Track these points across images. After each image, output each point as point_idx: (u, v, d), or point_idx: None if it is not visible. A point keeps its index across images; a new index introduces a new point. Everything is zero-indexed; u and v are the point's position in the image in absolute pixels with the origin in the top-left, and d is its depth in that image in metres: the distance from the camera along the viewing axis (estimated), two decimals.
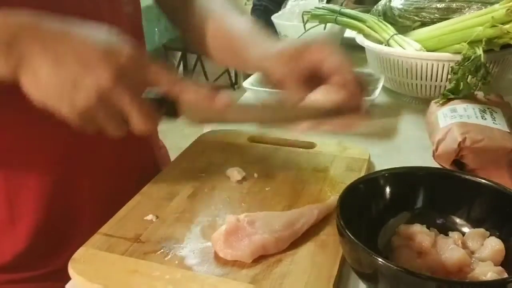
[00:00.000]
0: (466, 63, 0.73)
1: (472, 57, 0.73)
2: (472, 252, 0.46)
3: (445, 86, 0.84)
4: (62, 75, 0.43)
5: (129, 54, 0.45)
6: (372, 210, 0.51)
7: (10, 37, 0.43)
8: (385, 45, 0.92)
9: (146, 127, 0.47)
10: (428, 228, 0.49)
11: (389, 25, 0.95)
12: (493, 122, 0.66)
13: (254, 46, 0.60)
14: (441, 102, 0.75)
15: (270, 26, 1.28)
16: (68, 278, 0.49)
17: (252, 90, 0.89)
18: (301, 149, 0.72)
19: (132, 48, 0.45)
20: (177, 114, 0.49)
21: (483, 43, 0.75)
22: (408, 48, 0.87)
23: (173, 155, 0.71)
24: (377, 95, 0.83)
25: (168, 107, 0.48)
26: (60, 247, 0.62)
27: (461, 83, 0.74)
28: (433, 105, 0.77)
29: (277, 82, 0.55)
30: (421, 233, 0.47)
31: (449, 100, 0.74)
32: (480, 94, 0.75)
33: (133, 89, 0.45)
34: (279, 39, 0.57)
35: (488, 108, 0.70)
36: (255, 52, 0.59)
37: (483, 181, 0.49)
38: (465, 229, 0.49)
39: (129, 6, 0.66)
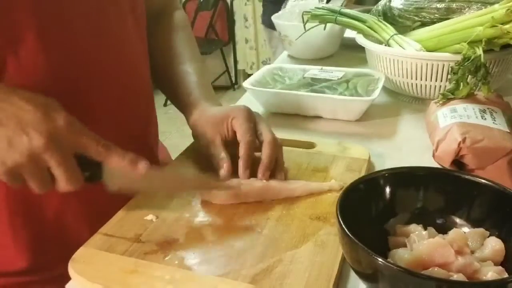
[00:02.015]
0: (466, 63, 0.73)
1: (472, 57, 0.73)
2: (472, 252, 0.46)
3: (445, 86, 0.84)
4: None
5: (64, 120, 0.49)
6: (372, 210, 0.51)
7: None
8: (385, 45, 0.92)
9: (69, 188, 0.50)
10: (425, 228, 0.49)
11: (389, 25, 0.95)
12: (493, 122, 0.66)
13: (195, 107, 0.70)
14: (441, 102, 0.75)
15: None
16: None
17: (252, 90, 0.89)
18: (301, 149, 0.72)
19: (67, 114, 0.50)
20: (100, 178, 0.53)
21: (483, 43, 0.75)
22: (408, 48, 0.87)
23: (173, 155, 0.71)
24: (377, 95, 0.83)
25: (92, 171, 0.52)
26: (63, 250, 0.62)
27: (461, 83, 0.74)
28: (433, 105, 0.77)
29: (207, 142, 0.64)
30: (414, 233, 0.48)
31: (449, 100, 0.74)
32: (480, 94, 0.75)
33: (63, 152, 0.49)
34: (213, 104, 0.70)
35: (488, 108, 0.70)
36: (194, 113, 0.69)
37: (483, 181, 0.49)
38: (465, 229, 0.49)
39: (136, 9, 0.67)
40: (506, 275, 0.43)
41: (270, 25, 1.86)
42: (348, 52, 1.25)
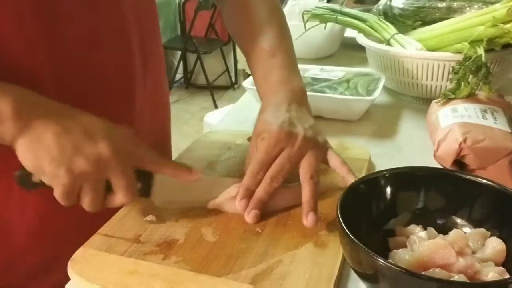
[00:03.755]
0: (467, 62, 0.73)
1: (473, 57, 0.73)
2: (473, 253, 0.46)
3: (446, 86, 0.84)
4: (66, 141, 0.47)
5: (125, 132, 0.51)
6: (373, 210, 0.51)
7: (21, 107, 0.47)
8: (386, 44, 0.92)
9: (127, 200, 0.51)
10: (425, 228, 0.49)
11: (389, 25, 0.95)
12: (494, 122, 0.66)
13: (262, 100, 0.64)
14: (442, 102, 0.75)
15: None
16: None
17: (252, 90, 0.89)
18: None
19: (127, 128, 0.52)
20: (150, 191, 0.55)
21: (484, 42, 0.75)
22: (409, 47, 0.87)
23: (173, 155, 0.71)
24: (378, 95, 0.83)
25: (144, 184, 0.54)
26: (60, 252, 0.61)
27: (462, 83, 0.74)
28: (434, 105, 0.77)
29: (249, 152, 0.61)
30: (414, 234, 0.48)
31: (450, 100, 0.74)
32: (481, 94, 0.75)
33: (125, 163, 0.50)
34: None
35: (489, 108, 0.70)
36: (261, 109, 0.62)
37: (484, 181, 0.49)
38: (466, 229, 0.49)
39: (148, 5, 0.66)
40: (507, 276, 0.42)
41: None
42: (349, 51, 1.25)
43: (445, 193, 0.51)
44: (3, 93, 0.47)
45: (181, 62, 3.90)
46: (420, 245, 0.44)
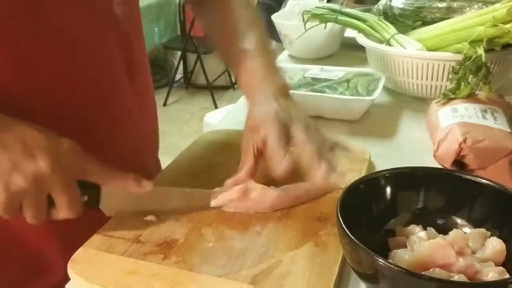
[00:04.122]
0: (467, 62, 0.73)
1: (473, 57, 0.73)
2: (473, 253, 0.46)
3: (446, 86, 0.84)
4: (3, 157, 0.46)
5: (68, 144, 0.49)
6: (373, 210, 0.51)
7: None
8: (386, 44, 0.92)
9: (70, 215, 0.50)
10: (425, 228, 0.49)
11: (389, 25, 0.95)
12: (494, 122, 0.66)
13: (248, 98, 0.65)
14: (442, 102, 0.75)
15: (273, 24, 1.29)
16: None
17: None
18: None
19: (69, 140, 0.50)
20: (97, 203, 0.54)
21: (484, 42, 0.75)
22: (409, 47, 0.87)
23: (173, 155, 0.71)
24: (378, 95, 0.83)
25: (90, 195, 0.52)
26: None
27: (462, 83, 0.74)
28: (434, 105, 0.77)
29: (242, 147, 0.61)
30: (414, 234, 0.48)
31: (450, 100, 0.74)
32: (481, 94, 0.75)
33: (67, 176, 0.48)
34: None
35: (489, 108, 0.70)
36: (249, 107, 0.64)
37: (484, 181, 0.49)
38: (466, 229, 0.49)
39: (125, 6, 0.66)
40: (507, 276, 0.42)
41: None
42: (349, 51, 1.25)
43: (445, 193, 0.51)
44: None
45: (181, 62, 3.90)
46: (420, 245, 0.44)
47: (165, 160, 0.75)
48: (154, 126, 0.78)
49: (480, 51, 0.74)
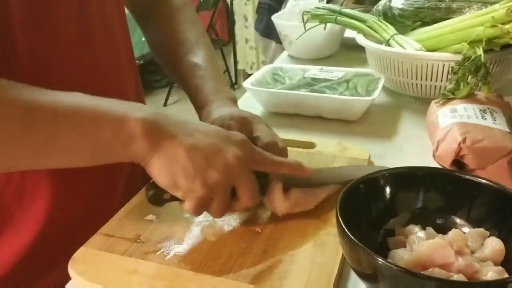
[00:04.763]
0: (466, 63, 0.73)
1: (472, 57, 0.73)
2: (472, 252, 0.46)
3: (445, 86, 0.84)
4: (197, 156, 0.48)
5: (241, 137, 0.52)
6: (372, 210, 0.51)
7: (151, 126, 0.48)
8: (385, 45, 0.92)
9: (252, 204, 0.52)
10: (424, 228, 0.49)
11: (389, 25, 0.95)
12: (493, 122, 0.66)
13: (203, 108, 0.68)
14: (441, 102, 0.75)
15: (273, 24, 1.29)
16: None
17: (252, 90, 0.90)
18: (301, 149, 0.72)
19: (241, 134, 0.53)
20: (266, 189, 0.55)
21: (483, 43, 0.75)
22: (408, 48, 0.87)
23: None
24: (377, 95, 0.83)
25: (261, 185, 0.53)
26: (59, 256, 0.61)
27: (461, 83, 0.74)
28: (433, 105, 0.77)
29: None
30: (413, 234, 0.48)
31: (449, 100, 0.74)
32: (480, 94, 0.75)
33: (247, 168, 0.51)
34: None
35: (488, 108, 0.70)
36: (202, 115, 0.68)
37: (483, 181, 0.49)
38: (465, 229, 0.49)
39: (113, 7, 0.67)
40: (506, 275, 0.43)
41: (266, 34, 1.85)
42: (348, 52, 1.25)
43: (444, 193, 0.51)
44: (131, 111, 0.47)
45: None
46: (420, 244, 0.44)
47: None
48: None
49: (479, 51, 0.74)
